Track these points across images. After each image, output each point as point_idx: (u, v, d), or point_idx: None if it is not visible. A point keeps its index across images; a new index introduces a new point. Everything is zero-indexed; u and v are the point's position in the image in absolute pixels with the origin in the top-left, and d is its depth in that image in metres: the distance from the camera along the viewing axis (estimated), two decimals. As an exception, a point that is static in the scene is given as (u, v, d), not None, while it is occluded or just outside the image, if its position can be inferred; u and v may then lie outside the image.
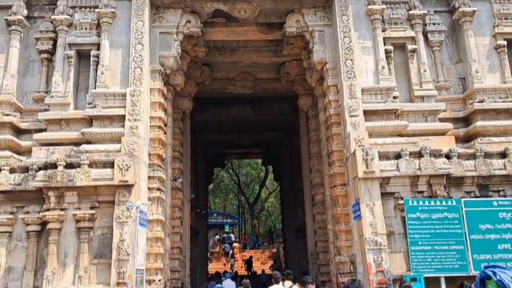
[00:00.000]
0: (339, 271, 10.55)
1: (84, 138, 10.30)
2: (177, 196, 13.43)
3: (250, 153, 26.32)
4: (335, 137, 11.02)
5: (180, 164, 13.88)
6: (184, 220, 14.40)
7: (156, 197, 10.42)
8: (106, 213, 9.43)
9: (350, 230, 10.30)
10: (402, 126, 10.52)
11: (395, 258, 9.35)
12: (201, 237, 21.32)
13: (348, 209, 10.45)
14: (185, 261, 14.08)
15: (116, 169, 9.29)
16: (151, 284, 9.94)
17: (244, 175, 48.09)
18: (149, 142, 10.64)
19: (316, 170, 13.73)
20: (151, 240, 10.17)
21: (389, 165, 9.61)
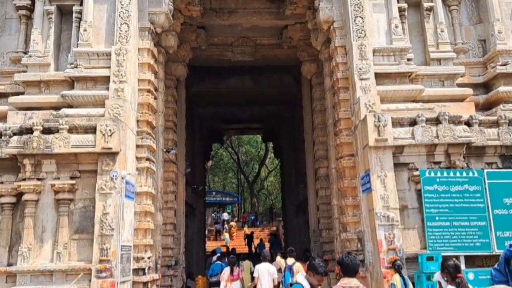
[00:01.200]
0: (345, 249, 9.67)
1: (65, 102, 9.30)
2: (170, 169, 12.49)
3: (250, 129, 25.31)
4: (342, 103, 10.01)
5: (174, 135, 12.90)
6: (178, 194, 13.50)
7: (145, 168, 9.47)
8: (88, 183, 8.50)
9: (358, 205, 9.38)
10: (417, 90, 9.50)
11: (408, 235, 8.46)
12: (198, 214, 20.50)
13: (356, 181, 9.52)
14: (179, 238, 13.23)
15: (99, 135, 8.31)
16: (139, 262, 9.07)
17: (243, 154, 47.35)
18: (137, 107, 9.64)
19: (320, 142, 12.76)
20: (139, 214, 9.27)
21: (403, 133, 8.63)
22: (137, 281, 8.93)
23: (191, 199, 18.79)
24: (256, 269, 9.88)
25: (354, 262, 4.16)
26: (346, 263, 4.14)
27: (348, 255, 4.26)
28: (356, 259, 4.25)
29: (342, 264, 4.18)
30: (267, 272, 9.59)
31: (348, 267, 4.12)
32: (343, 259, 4.21)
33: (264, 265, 9.82)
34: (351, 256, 4.23)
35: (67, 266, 7.99)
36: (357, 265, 4.21)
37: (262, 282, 9.49)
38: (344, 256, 4.25)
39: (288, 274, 9.98)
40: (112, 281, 7.83)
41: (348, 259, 4.17)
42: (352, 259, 4.17)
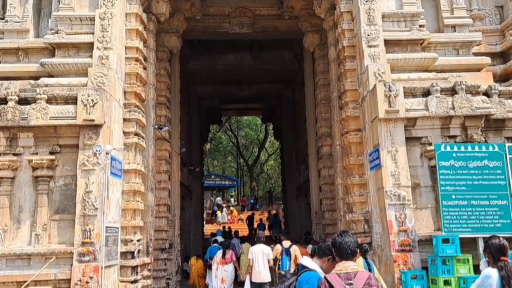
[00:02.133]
0: (351, 231, 8.95)
1: (45, 71, 8.49)
2: (163, 147, 11.74)
3: (249, 109, 24.47)
4: (348, 73, 9.19)
5: (167, 112, 12.11)
6: (172, 175, 12.77)
7: (133, 143, 8.70)
8: (70, 159, 7.73)
9: (365, 183, 8.64)
10: (430, 59, 8.69)
11: (420, 216, 7.72)
12: (196, 196, 19.82)
13: (363, 158, 8.76)
14: (174, 220, 12.53)
15: (80, 105, 7.52)
16: (127, 245, 8.37)
17: (243, 137, 46.62)
18: (124, 77, 8.82)
19: (322, 119, 11.98)
20: (127, 193, 8.53)
21: (416, 104, 7.83)
22: (125, 265, 8.24)
23: (188, 180, 18.09)
24: (250, 251, 9.61)
25: (349, 242, 3.33)
26: (339, 242, 3.33)
27: (342, 233, 3.44)
28: (353, 237, 3.42)
29: (335, 245, 3.37)
30: (262, 253, 9.36)
31: (342, 248, 3.30)
32: (335, 239, 3.40)
33: (259, 246, 9.55)
34: (346, 234, 3.41)
35: (46, 249, 7.27)
36: (354, 245, 3.36)
37: (256, 264, 9.28)
38: (337, 236, 3.43)
39: (285, 258, 9.53)
40: (95, 265, 7.12)
41: (341, 239, 3.35)
42: (346, 238, 3.35)
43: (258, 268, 9.29)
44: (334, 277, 3.17)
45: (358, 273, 3.21)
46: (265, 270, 9.36)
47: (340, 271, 3.22)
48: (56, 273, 7.15)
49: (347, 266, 3.24)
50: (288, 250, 9.77)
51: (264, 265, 9.31)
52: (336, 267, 3.28)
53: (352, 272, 3.20)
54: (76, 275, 7.05)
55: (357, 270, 3.24)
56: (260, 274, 9.31)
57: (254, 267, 9.31)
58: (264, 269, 9.34)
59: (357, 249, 3.34)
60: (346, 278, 3.15)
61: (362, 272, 3.24)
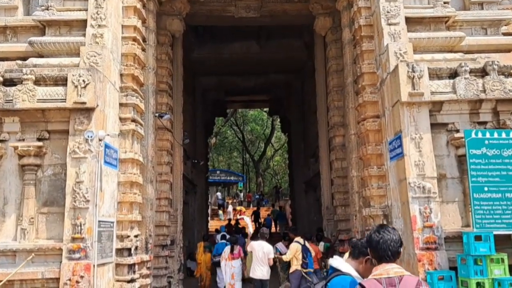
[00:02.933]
0: (368, 227, 8.22)
1: (34, 51, 7.80)
2: (164, 137, 11.01)
3: (255, 101, 23.69)
4: (365, 55, 8.42)
5: (169, 99, 11.38)
6: (175, 167, 12.05)
7: (130, 130, 7.99)
8: (59, 146, 7.04)
9: (384, 175, 7.88)
10: (456, 38, 7.90)
11: (447, 210, 6.96)
12: (200, 191, 19.13)
13: (382, 147, 7.99)
14: (176, 215, 11.82)
15: (70, 87, 6.81)
16: (123, 241, 7.66)
17: (249, 132, 45.91)
18: (120, 58, 8.10)
19: (335, 108, 11.19)
20: (123, 185, 7.82)
21: (442, 86, 7.05)
22: (121, 263, 7.54)
23: (192, 174, 17.39)
24: (250, 245, 9.35)
25: (390, 240, 2.57)
26: (376, 241, 2.57)
27: (380, 229, 2.66)
28: (394, 233, 2.63)
29: (371, 244, 2.62)
30: (261, 250, 9.09)
31: (380, 248, 2.56)
32: (371, 237, 2.64)
33: (259, 242, 9.28)
34: (385, 231, 2.63)
35: (33, 245, 6.58)
36: (396, 244, 2.58)
37: (256, 260, 9.03)
38: (373, 232, 2.66)
39: (309, 255, 9.06)
40: (87, 263, 6.43)
41: (379, 236, 2.58)
42: (386, 236, 2.59)
43: (257, 264, 9.02)
44: (373, 284, 2.45)
45: (404, 277, 2.48)
46: (264, 269, 9.06)
47: (380, 275, 2.49)
48: (44, 272, 6.47)
49: (388, 270, 2.50)
50: (306, 247, 9.26)
51: (263, 262, 9.02)
52: (375, 271, 2.55)
53: (395, 276, 2.47)
54: (65, 274, 6.36)
55: (402, 273, 2.50)
56: (258, 271, 9.03)
57: (254, 263, 9.06)
58: (263, 268, 9.04)
59: (399, 248, 2.57)
60: (389, 284, 2.44)
61: (409, 277, 2.51)
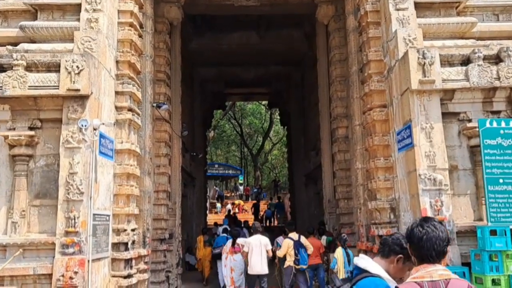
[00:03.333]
0: (373, 220, 7.92)
1: (26, 37, 7.42)
2: (162, 129, 10.67)
3: (255, 94, 23.30)
4: (372, 42, 8.08)
5: (167, 89, 11.03)
6: (173, 159, 11.72)
7: (126, 120, 7.64)
8: (52, 136, 6.70)
9: (391, 167, 7.57)
10: (468, 24, 7.56)
11: (458, 203, 6.67)
12: (199, 184, 18.82)
13: (389, 138, 7.68)
14: (174, 208, 11.50)
15: (63, 73, 6.45)
16: (120, 235, 7.34)
17: (247, 126, 45.58)
18: (116, 44, 7.74)
19: (338, 98, 10.86)
20: (120, 176, 7.49)
21: (455, 73, 6.73)
22: (117, 258, 7.22)
23: (190, 167, 17.07)
24: (246, 242, 9.10)
25: (435, 237, 2.15)
26: (419, 237, 2.15)
27: (425, 223, 2.22)
28: (440, 229, 2.19)
29: (412, 240, 2.20)
30: (259, 244, 8.83)
31: (424, 246, 2.14)
32: (413, 231, 2.21)
33: (255, 237, 9.03)
34: (430, 225, 2.19)
35: (24, 240, 6.26)
36: (442, 242, 2.16)
37: (253, 256, 8.75)
38: (416, 226, 2.22)
39: (302, 251, 8.85)
40: (81, 258, 6.10)
41: (423, 231, 2.16)
42: (431, 232, 2.16)
43: (255, 260, 8.75)
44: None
45: (450, 281, 2.10)
46: (262, 262, 8.83)
47: (421, 278, 2.11)
48: (36, 267, 6.14)
49: (432, 272, 2.12)
50: (300, 243, 9.01)
51: (261, 257, 8.78)
52: (415, 273, 2.16)
53: (440, 280, 2.09)
54: (58, 270, 6.04)
55: (449, 276, 2.13)
56: (256, 266, 8.77)
57: (250, 259, 8.77)
58: (261, 261, 8.80)
59: (446, 247, 2.17)
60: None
61: (457, 281, 2.13)
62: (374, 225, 7.85)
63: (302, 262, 8.71)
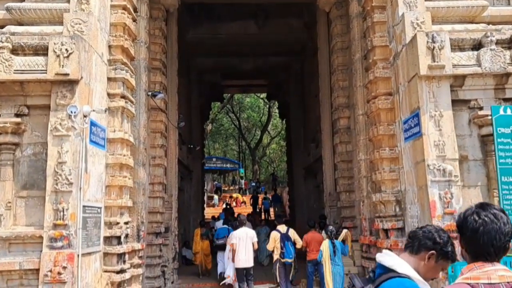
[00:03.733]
0: (378, 213, 7.60)
1: (13, 19, 7.03)
2: (158, 119, 10.30)
3: (253, 86, 22.91)
4: (377, 27, 7.72)
5: (163, 78, 10.64)
6: (169, 150, 11.36)
7: (119, 108, 7.28)
8: (40, 123, 6.33)
9: (397, 158, 7.24)
10: (479, 7, 7.20)
11: (468, 195, 6.33)
12: (196, 177, 18.47)
13: (394, 128, 7.34)
14: (170, 201, 11.16)
15: (51, 56, 6.07)
16: (112, 228, 7.00)
17: (245, 119, 45.21)
18: (109, 28, 7.36)
19: (340, 88, 10.50)
20: (112, 167, 7.13)
21: (465, 58, 6.39)
22: (109, 253, 6.88)
23: (187, 160, 16.71)
24: (233, 235, 8.96)
25: (496, 230, 1.75)
26: (475, 229, 1.76)
27: (482, 210, 1.80)
28: (502, 219, 1.77)
29: (466, 232, 1.79)
30: (246, 237, 8.74)
31: (481, 239, 1.75)
32: (467, 220, 1.80)
33: (241, 230, 8.94)
34: (488, 213, 1.78)
35: (10, 233, 5.91)
36: (506, 236, 1.76)
37: (240, 249, 8.65)
38: (471, 214, 1.81)
39: (288, 244, 8.70)
40: (70, 252, 5.76)
41: (479, 222, 1.76)
42: (492, 222, 1.76)
43: (241, 253, 8.66)
44: None
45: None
46: (248, 255, 8.74)
47: (476, 279, 1.70)
48: (22, 262, 5.80)
49: (490, 272, 1.71)
50: (287, 235, 8.86)
51: (247, 250, 8.70)
52: (466, 272, 1.75)
53: (501, 283, 1.69)
54: (45, 265, 5.70)
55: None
56: (243, 259, 8.69)
57: (237, 252, 8.64)
58: (247, 253, 8.71)
59: (508, 243, 1.76)
60: None
61: None
62: (378, 218, 7.53)
63: (287, 255, 8.55)
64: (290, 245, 8.70)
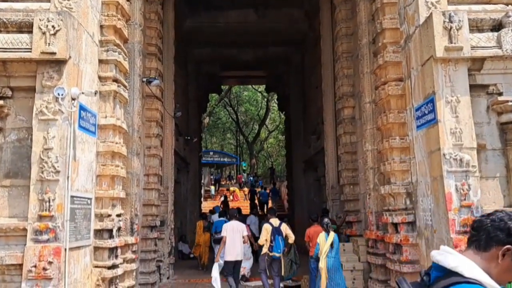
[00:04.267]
0: (386, 207, 7.16)
1: (-4, -4, 6.52)
2: (153, 107, 9.84)
3: (252, 77, 22.42)
4: (387, 8, 7.26)
5: (159, 65, 10.16)
6: (165, 140, 10.90)
7: (111, 92, 6.79)
8: (25, 107, 5.84)
9: (408, 147, 6.80)
10: (497, -13, 6.73)
11: (486, 187, 5.90)
12: (193, 170, 18.01)
13: (405, 116, 6.89)
14: (166, 193, 10.72)
15: (37, 33, 5.58)
16: (103, 221, 6.54)
17: (243, 113, 44.71)
18: (101, 7, 6.85)
19: (344, 76, 10.05)
20: (104, 155, 6.66)
21: (485, 40, 5.93)
22: (100, 247, 6.43)
23: (183, 152, 16.24)
24: (223, 228, 8.79)
25: None
26: None
27: None
28: None
29: None
30: (236, 230, 8.62)
31: None
32: None
33: (232, 223, 8.82)
34: None
35: (-9, 225, 5.44)
36: None
37: (229, 241, 8.49)
38: None
39: (278, 238, 8.50)
40: (56, 246, 5.30)
41: None
42: None
43: (231, 246, 8.51)
44: None
45: None
46: (238, 248, 8.61)
47: None
48: (4, 257, 5.32)
49: None
50: (279, 229, 8.60)
51: (237, 243, 8.58)
52: None
53: None
54: (29, 259, 5.23)
55: None
56: (233, 252, 8.52)
57: (227, 245, 8.50)
58: (236, 247, 8.57)
59: None
60: None
61: None
62: (387, 212, 7.10)
63: (275, 249, 8.36)
64: (281, 239, 8.52)
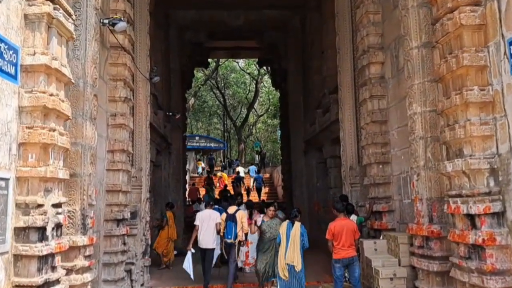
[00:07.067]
0: (452, 191, 4.93)
1: None
2: (120, 61, 7.42)
3: (243, 48, 19.89)
4: None
5: (128, 7, 7.72)
6: (138, 108, 8.51)
7: (44, 15, 4.36)
8: None
9: (491, 102, 4.55)
10: None
11: None
12: (176, 152, 15.59)
13: (484, 55, 4.62)
14: (140, 176, 8.37)
15: None
16: (30, 214, 4.17)
17: (230, 96, 42.35)
18: None
19: (370, 23, 7.76)
20: (30, 112, 4.27)
21: None
22: (24, 254, 4.09)
23: (164, 130, 13.81)
24: (197, 217, 8.89)
25: None
26: None
27: None
28: None
29: None
30: (209, 218, 8.69)
31: None
32: None
33: (206, 211, 8.92)
34: None
35: None
36: None
37: (202, 230, 8.58)
38: None
39: (230, 224, 8.44)
40: None
41: None
42: None
43: (203, 233, 8.58)
44: None
45: None
46: (210, 236, 8.62)
47: None
48: None
49: None
50: (233, 216, 8.46)
51: (210, 231, 8.61)
52: None
53: None
54: None
55: None
56: (204, 240, 8.60)
57: (200, 233, 8.59)
58: (208, 235, 8.60)
59: None
60: None
61: None
62: (453, 198, 4.88)
63: (226, 235, 8.38)
64: (234, 226, 8.51)
